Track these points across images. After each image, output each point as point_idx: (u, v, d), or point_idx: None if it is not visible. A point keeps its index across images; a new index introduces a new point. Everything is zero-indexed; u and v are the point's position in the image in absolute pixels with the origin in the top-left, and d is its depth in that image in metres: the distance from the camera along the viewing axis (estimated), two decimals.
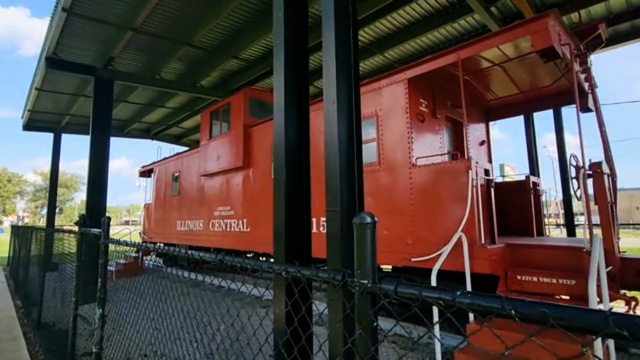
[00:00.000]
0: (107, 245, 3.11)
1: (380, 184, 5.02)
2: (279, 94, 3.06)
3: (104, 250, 3.08)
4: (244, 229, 7.58)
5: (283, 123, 2.93)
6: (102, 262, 3.07)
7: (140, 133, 17.18)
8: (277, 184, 2.89)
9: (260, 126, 7.46)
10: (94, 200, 8.34)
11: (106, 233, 3.10)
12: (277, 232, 2.79)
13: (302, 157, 3.13)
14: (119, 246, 3.06)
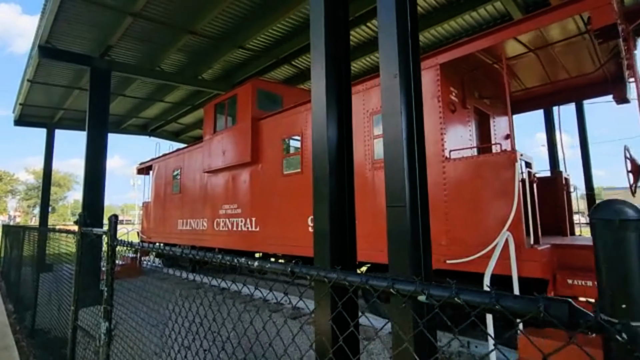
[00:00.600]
0: (115, 248, 2.67)
1: None
2: (318, 85, 2.66)
3: (112, 254, 2.64)
4: (252, 228, 7.14)
5: (325, 115, 2.53)
6: (109, 267, 2.63)
7: (137, 129, 16.63)
8: (318, 182, 2.48)
9: (269, 119, 7.02)
10: (91, 199, 7.84)
11: (114, 233, 2.66)
12: (319, 233, 2.37)
13: (344, 152, 2.72)
14: (119, 247, 2.68)
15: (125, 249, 2.92)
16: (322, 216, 2.49)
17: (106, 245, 2.70)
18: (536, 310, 0.61)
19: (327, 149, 2.51)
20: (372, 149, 5.08)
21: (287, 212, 6.38)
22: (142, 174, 12.78)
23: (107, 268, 2.64)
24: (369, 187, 5.08)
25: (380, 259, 4.77)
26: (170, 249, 1.87)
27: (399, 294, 0.88)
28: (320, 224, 2.48)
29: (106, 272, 2.66)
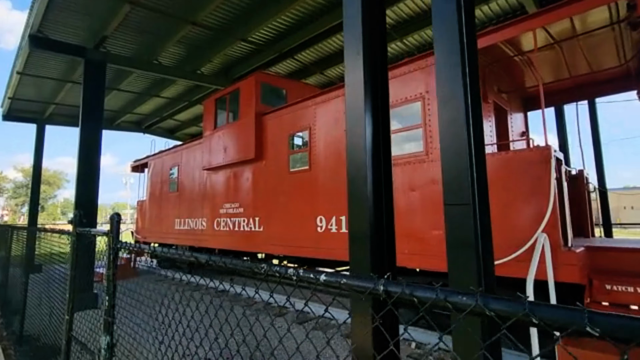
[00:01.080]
0: (117, 251, 2.35)
1: (428, 177, 4.35)
2: (354, 81, 2.41)
3: (114, 258, 2.31)
4: (255, 228, 6.82)
5: (362, 107, 2.26)
6: (111, 273, 2.31)
7: (131, 126, 16.17)
8: (355, 180, 2.21)
9: (274, 114, 6.70)
10: (85, 198, 7.44)
11: (116, 235, 2.34)
12: (356, 236, 2.09)
13: (381, 148, 2.43)
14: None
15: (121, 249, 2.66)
16: (359, 218, 2.21)
17: (106, 248, 2.38)
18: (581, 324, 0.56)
19: (363, 144, 2.24)
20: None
21: (293, 211, 6.08)
22: (137, 171, 12.36)
23: (109, 274, 2.31)
24: None
25: (405, 262, 4.49)
26: (194, 254, 1.56)
27: (456, 308, 0.75)
28: (357, 226, 2.20)
29: (106, 278, 2.33)
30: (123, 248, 2.30)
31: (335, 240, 5.31)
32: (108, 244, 2.34)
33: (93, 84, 7.98)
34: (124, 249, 2.31)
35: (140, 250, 2.11)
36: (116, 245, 2.31)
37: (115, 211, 17.56)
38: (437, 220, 4.23)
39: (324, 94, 5.83)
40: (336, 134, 5.54)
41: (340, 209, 5.30)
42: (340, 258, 5.38)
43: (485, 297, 0.71)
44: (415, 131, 4.59)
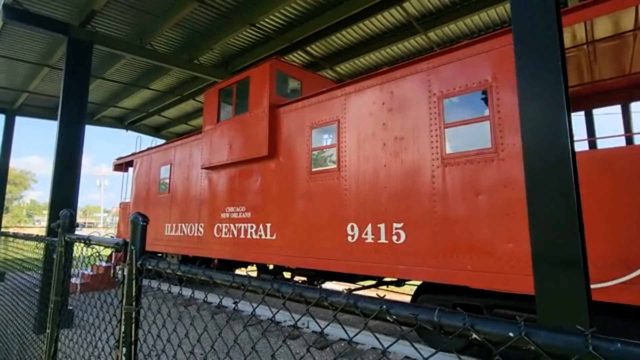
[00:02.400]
0: (141, 276, 1.48)
1: (498, 179, 3.64)
2: (524, 69, 2.07)
3: (138, 289, 1.44)
4: (265, 236, 5.93)
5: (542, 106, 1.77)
6: (134, 311, 1.44)
7: (113, 121, 14.91)
8: (539, 190, 1.58)
9: (292, 106, 5.88)
10: (62, 199, 6.33)
11: (141, 248, 1.47)
12: (542, 255, 1.36)
13: (569, 153, 1.94)
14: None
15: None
16: (557, 238, 1.51)
17: (125, 270, 1.50)
18: None
19: (556, 143, 1.72)
20: (442, 141, 4.08)
21: (316, 217, 5.24)
22: (120, 170, 11.17)
23: (128, 313, 1.44)
24: (436, 189, 4.06)
25: (467, 281, 3.73)
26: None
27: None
28: (556, 250, 1.48)
29: (123, 321, 1.46)
30: (150, 268, 1.43)
31: (373, 253, 4.51)
32: (130, 264, 1.45)
33: (77, 69, 6.92)
34: (147, 268, 1.44)
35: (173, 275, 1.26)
36: (143, 266, 1.43)
37: (86, 214, 16.16)
38: (510, 231, 3.52)
39: (356, 83, 5.07)
40: (371, 128, 4.78)
41: (377, 215, 4.52)
42: (379, 274, 4.57)
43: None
44: (480, 124, 3.89)
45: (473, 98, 3.97)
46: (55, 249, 2.22)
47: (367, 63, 9.50)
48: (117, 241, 1.68)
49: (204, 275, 1.12)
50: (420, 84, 4.38)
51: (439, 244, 3.98)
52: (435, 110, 4.19)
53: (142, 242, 1.51)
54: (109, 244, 1.76)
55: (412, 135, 4.37)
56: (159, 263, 1.33)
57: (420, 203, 4.18)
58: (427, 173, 4.17)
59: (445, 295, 4.33)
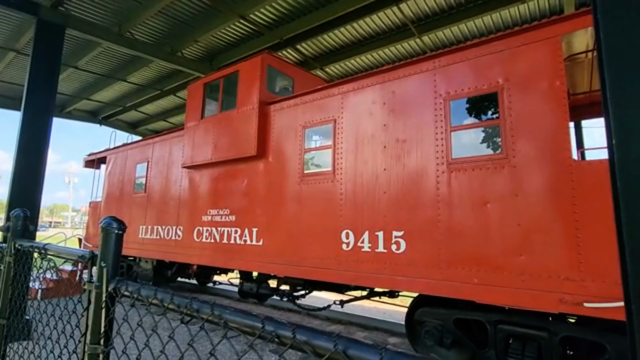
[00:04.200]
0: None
1: (509, 186, 3.41)
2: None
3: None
4: (251, 241, 5.51)
5: None
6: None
7: (85, 115, 14.03)
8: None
9: (284, 103, 5.52)
10: (22, 197, 5.68)
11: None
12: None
13: None
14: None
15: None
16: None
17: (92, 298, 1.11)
18: None
19: None
20: (448, 145, 3.83)
21: (307, 223, 4.89)
22: (91, 167, 10.40)
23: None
24: (441, 195, 3.80)
25: (473, 295, 3.47)
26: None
27: None
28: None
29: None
30: (127, 295, 1.04)
31: (369, 263, 4.19)
32: (98, 287, 1.06)
33: (46, 54, 6.31)
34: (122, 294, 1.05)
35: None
36: (118, 291, 1.04)
37: (53, 213, 15.09)
38: (522, 243, 3.29)
39: (355, 81, 4.78)
40: (371, 130, 4.49)
41: (376, 222, 4.22)
42: (376, 285, 4.27)
43: None
44: (489, 128, 3.67)
45: (483, 100, 3.75)
46: (3, 258, 1.77)
47: (359, 65, 9.28)
48: (81, 253, 1.28)
49: (213, 316, 0.76)
50: (425, 84, 4.13)
51: (442, 255, 3.72)
52: (441, 112, 3.95)
53: (117, 256, 1.12)
54: (70, 256, 1.35)
55: (415, 138, 4.11)
56: (140, 289, 0.95)
57: (422, 210, 3.91)
58: (431, 178, 3.91)
59: (446, 310, 4.07)
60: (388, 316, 7.08)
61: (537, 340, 3.51)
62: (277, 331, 0.67)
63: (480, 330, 4.09)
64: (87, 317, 1.17)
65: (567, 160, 3.17)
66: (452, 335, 4.00)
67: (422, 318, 4.23)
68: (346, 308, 5.93)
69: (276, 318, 0.72)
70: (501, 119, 3.56)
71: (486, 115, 3.73)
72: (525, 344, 3.58)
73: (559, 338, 3.38)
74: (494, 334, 3.70)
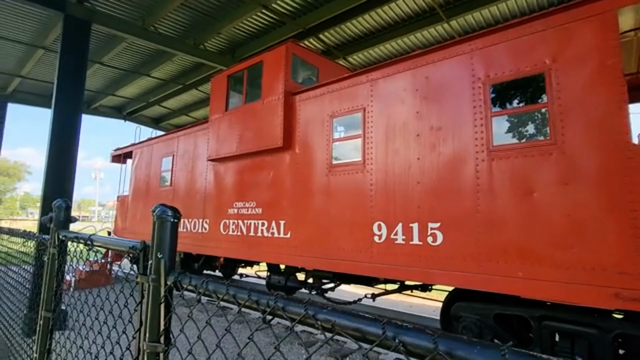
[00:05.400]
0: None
1: (557, 175, 3.19)
2: None
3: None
4: (278, 234, 5.46)
5: None
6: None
7: (111, 111, 14.33)
8: None
9: (310, 93, 5.39)
10: (55, 192, 5.82)
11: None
12: None
13: None
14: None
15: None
16: None
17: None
18: None
19: None
20: (488, 131, 3.62)
21: (336, 215, 4.78)
22: (118, 162, 10.62)
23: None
24: (481, 185, 3.61)
25: (518, 290, 3.29)
26: None
27: None
28: None
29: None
30: (192, 289, 0.96)
31: (404, 255, 4.05)
32: (155, 281, 0.98)
33: (74, 49, 6.39)
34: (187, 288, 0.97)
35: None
36: (179, 284, 0.96)
37: (81, 208, 15.53)
38: (572, 235, 3.07)
39: (384, 67, 4.60)
40: (403, 117, 4.31)
41: (409, 213, 4.06)
42: (411, 279, 4.13)
43: None
44: (535, 112, 3.43)
45: (527, 83, 3.51)
46: (46, 249, 1.74)
47: (382, 53, 9.03)
48: (131, 243, 1.20)
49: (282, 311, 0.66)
50: (461, 68, 3.91)
51: (482, 247, 3.54)
52: (480, 97, 3.73)
53: (173, 247, 1.04)
54: (119, 247, 1.28)
55: (451, 125, 3.91)
56: (208, 284, 0.85)
57: (461, 200, 3.72)
58: (469, 167, 3.72)
59: (485, 304, 3.89)
60: (416, 310, 6.93)
61: (586, 337, 3.30)
62: (319, 316, 0.64)
63: (521, 326, 3.90)
64: (140, 312, 1.09)
65: (626, 144, 2.92)
66: (492, 331, 3.83)
67: (459, 313, 4.07)
68: (371, 302, 5.82)
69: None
70: (548, 102, 3.32)
71: (531, 98, 3.50)
72: (573, 341, 3.38)
73: (612, 336, 3.16)
74: (539, 331, 3.51)
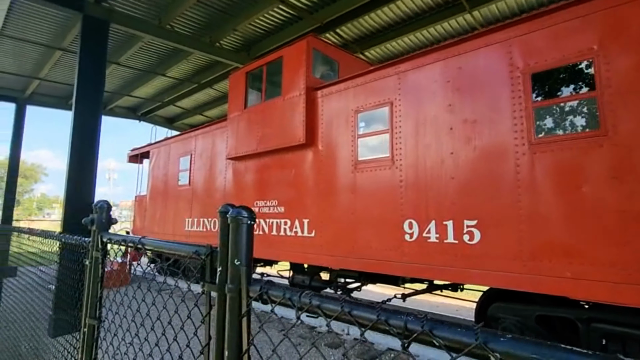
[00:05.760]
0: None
1: (607, 168, 2.99)
2: None
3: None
4: (302, 232, 5.34)
5: None
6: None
7: (126, 112, 14.42)
8: None
9: (332, 88, 5.25)
10: (77, 193, 5.81)
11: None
12: None
13: None
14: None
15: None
16: None
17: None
18: None
19: None
20: (529, 123, 3.43)
21: (363, 213, 4.64)
22: (135, 162, 10.65)
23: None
24: (522, 179, 3.42)
25: (566, 291, 3.10)
26: None
27: None
28: None
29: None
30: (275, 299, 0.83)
31: (438, 254, 3.89)
32: (233, 292, 0.85)
33: (93, 49, 6.35)
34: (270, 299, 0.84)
35: None
36: (265, 296, 0.83)
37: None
38: (626, 232, 2.87)
39: (412, 59, 4.42)
40: (434, 111, 4.14)
41: (443, 210, 3.90)
42: (445, 279, 3.97)
43: None
44: (582, 102, 3.23)
45: (572, 71, 3.31)
46: (88, 253, 1.63)
47: (400, 47, 8.83)
48: (193, 248, 1.08)
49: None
50: (498, 57, 3.72)
51: (525, 246, 3.35)
52: (520, 87, 3.53)
53: (250, 253, 0.91)
54: (178, 251, 1.16)
55: (488, 118, 3.72)
56: (311, 297, 0.72)
57: (500, 197, 3.54)
58: (509, 161, 3.53)
59: (525, 305, 3.71)
60: (442, 310, 6.75)
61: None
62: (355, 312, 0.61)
63: (565, 328, 3.71)
64: (208, 324, 0.97)
65: None
66: (534, 333, 3.64)
67: (497, 314, 3.89)
68: (395, 302, 5.66)
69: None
70: (597, 90, 3.11)
71: (577, 87, 3.29)
72: (625, 344, 3.18)
73: None
74: (587, 333, 3.32)
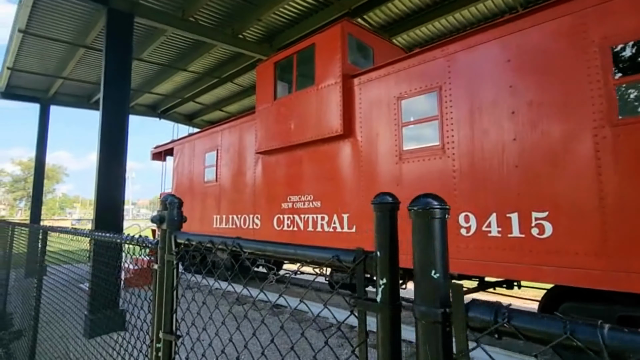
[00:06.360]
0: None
1: None
2: None
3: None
4: (342, 228, 5.07)
5: None
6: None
7: (145, 110, 14.36)
8: None
9: (371, 74, 4.93)
10: (107, 192, 5.66)
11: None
12: None
13: None
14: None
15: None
16: None
17: None
18: None
19: None
20: (611, 102, 3.05)
21: None
22: (158, 159, 10.57)
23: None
24: (603, 166, 3.05)
25: (605, 283, 2.75)
26: None
27: None
28: None
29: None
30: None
31: (500, 250, 3.56)
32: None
33: (118, 45, 6.17)
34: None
35: None
36: None
37: None
38: None
39: (463, 39, 4.07)
40: (491, 94, 3.78)
41: (506, 202, 3.56)
42: (510, 276, 3.64)
43: None
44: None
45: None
46: (160, 256, 1.39)
47: (430, 33, 8.41)
48: (333, 253, 0.81)
49: None
50: (570, 30, 3.34)
51: (609, 240, 3.00)
52: (597, 62, 3.15)
53: (446, 262, 0.63)
54: (310, 258, 0.89)
55: (557, 99, 3.36)
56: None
57: (576, 185, 3.19)
58: (586, 146, 3.16)
59: (604, 305, 3.36)
60: None
61: None
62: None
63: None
64: (363, 342, 0.70)
65: None
66: None
67: (570, 314, 3.54)
68: None
69: None
70: None
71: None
72: None
73: None
74: None
